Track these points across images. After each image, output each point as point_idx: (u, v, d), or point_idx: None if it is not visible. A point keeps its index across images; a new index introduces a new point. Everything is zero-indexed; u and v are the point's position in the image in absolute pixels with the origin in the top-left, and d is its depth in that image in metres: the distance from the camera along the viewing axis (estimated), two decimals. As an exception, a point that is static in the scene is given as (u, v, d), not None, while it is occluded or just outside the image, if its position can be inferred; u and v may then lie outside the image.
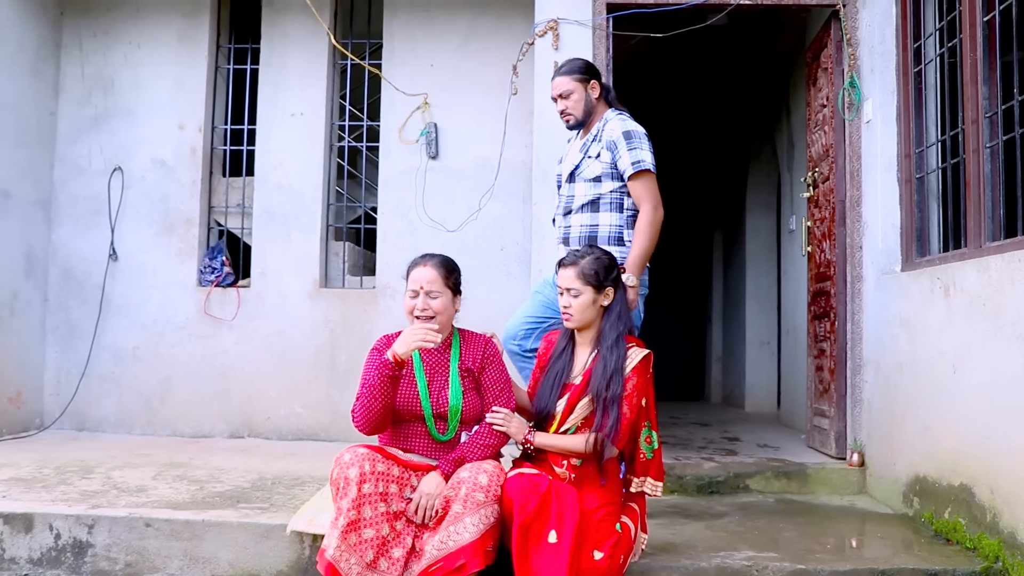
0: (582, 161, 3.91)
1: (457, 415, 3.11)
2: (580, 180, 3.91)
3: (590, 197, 3.88)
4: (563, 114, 3.98)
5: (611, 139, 3.84)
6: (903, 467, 4.16)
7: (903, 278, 4.24)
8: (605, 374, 3.08)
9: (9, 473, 4.34)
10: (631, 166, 3.80)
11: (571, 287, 3.15)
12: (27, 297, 5.87)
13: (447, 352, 3.19)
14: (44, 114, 6.03)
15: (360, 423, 3.05)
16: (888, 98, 4.50)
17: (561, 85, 3.96)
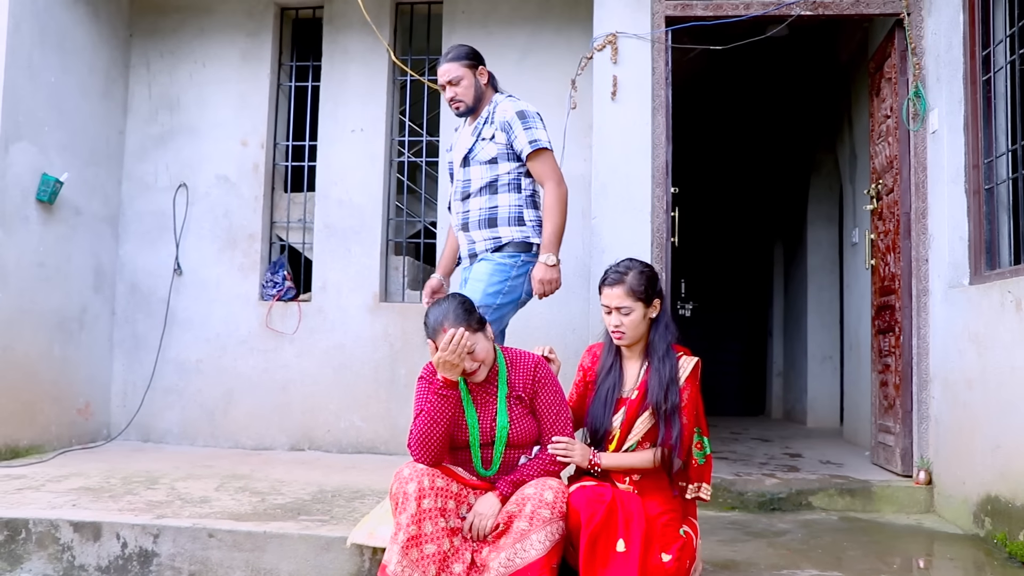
0: (475, 144, 3.91)
1: (502, 443, 3.08)
2: (475, 163, 3.90)
3: (487, 179, 3.88)
4: (452, 101, 3.95)
5: (504, 119, 3.86)
6: (973, 486, 4.05)
7: (972, 292, 4.14)
8: (661, 385, 3.06)
9: (78, 483, 4.45)
10: (528, 145, 3.83)
11: (621, 305, 3.11)
12: (96, 311, 6.02)
13: (494, 381, 3.13)
14: (113, 133, 6.19)
15: (418, 452, 2.96)
16: (955, 107, 4.41)
17: (450, 72, 3.93)
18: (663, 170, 4.90)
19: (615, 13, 4.97)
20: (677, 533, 3.01)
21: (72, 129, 5.71)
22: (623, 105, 4.92)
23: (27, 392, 5.34)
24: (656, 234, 4.86)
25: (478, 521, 2.91)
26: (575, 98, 5.41)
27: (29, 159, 5.31)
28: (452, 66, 3.93)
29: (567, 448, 3.04)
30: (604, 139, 4.93)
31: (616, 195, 4.88)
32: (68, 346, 5.73)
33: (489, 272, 3.80)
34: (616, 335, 3.13)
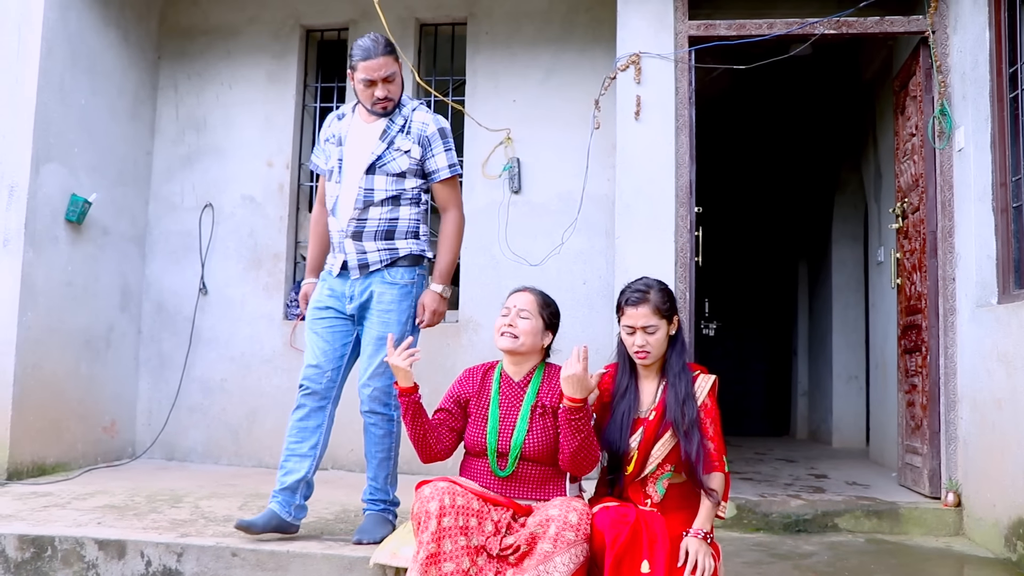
0: (386, 153, 3.62)
1: (517, 451, 3.07)
2: (381, 173, 3.63)
3: (392, 192, 3.65)
4: (383, 100, 3.60)
5: (424, 134, 3.66)
6: (1004, 508, 3.99)
7: (1000, 311, 4.10)
8: (678, 402, 3.03)
9: (103, 500, 4.47)
10: (448, 170, 3.72)
11: (648, 324, 3.05)
12: (122, 329, 6.07)
13: (525, 388, 3.15)
14: (141, 154, 6.26)
15: (417, 451, 3.21)
16: (982, 125, 4.38)
17: (387, 67, 3.57)
18: (687, 189, 4.90)
19: (638, 33, 4.98)
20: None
21: (101, 150, 5.79)
22: (646, 125, 4.92)
23: (54, 410, 5.39)
24: (680, 253, 4.85)
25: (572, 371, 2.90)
26: (598, 118, 5.42)
27: (59, 180, 5.38)
28: (389, 60, 3.58)
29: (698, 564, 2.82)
30: (628, 159, 4.94)
31: (640, 215, 4.88)
32: (95, 364, 5.78)
33: (398, 300, 3.66)
34: (641, 355, 3.08)
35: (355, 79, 3.60)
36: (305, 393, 3.70)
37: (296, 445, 3.68)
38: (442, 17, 6.27)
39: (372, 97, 3.59)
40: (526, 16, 6.07)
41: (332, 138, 3.75)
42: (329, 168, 3.74)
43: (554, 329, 3.22)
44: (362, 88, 3.60)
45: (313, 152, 3.94)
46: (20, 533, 3.66)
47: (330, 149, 3.75)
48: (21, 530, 3.69)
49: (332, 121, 3.82)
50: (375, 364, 3.61)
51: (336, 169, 3.70)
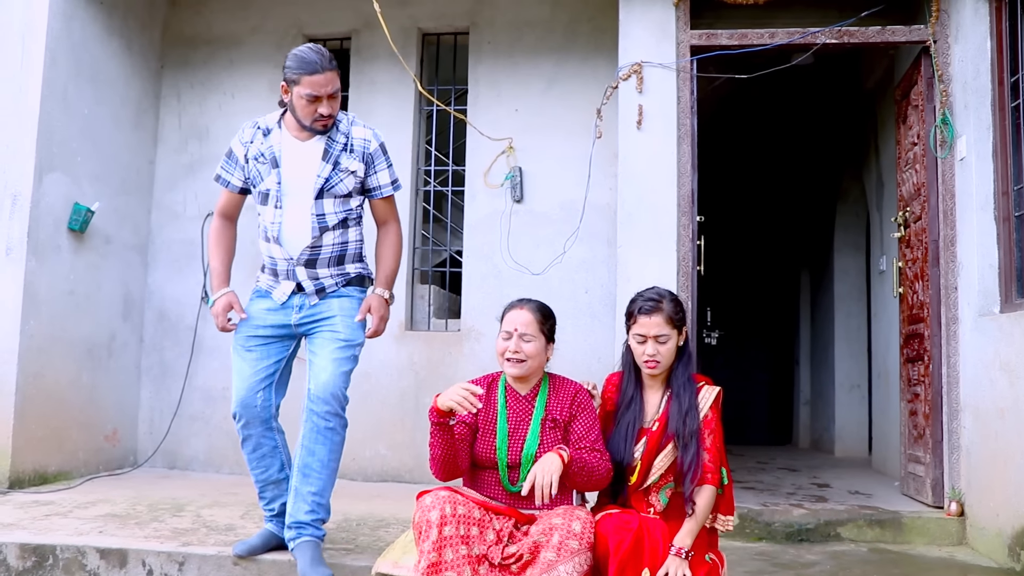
0: (333, 174, 3.43)
1: (529, 464, 3.05)
2: (329, 196, 3.44)
3: (341, 216, 3.48)
4: (325, 118, 3.39)
5: (368, 151, 3.50)
6: (1008, 518, 3.98)
7: (1003, 320, 4.10)
8: (681, 414, 3.02)
9: (105, 509, 4.47)
10: (391, 186, 3.58)
11: (660, 334, 3.04)
12: (124, 338, 6.08)
13: (533, 401, 3.12)
14: (143, 163, 6.28)
15: (433, 470, 3.06)
16: (983, 134, 4.38)
17: (333, 82, 3.37)
18: (689, 199, 4.90)
19: (640, 43, 4.99)
20: (703, 559, 2.97)
21: (104, 159, 5.80)
22: (649, 134, 4.93)
23: (56, 419, 5.39)
24: (682, 262, 4.85)
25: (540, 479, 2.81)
26: (600, 127, 5.43)
27: (62, 189, 5.39)
28: (335, 75, 3.38)
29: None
30: (630, 168, 4.94)
31: (642, 224, 4.88)
32: (97, 373, 5.78)
33: (354, 308, 3.55)
34: (651, 364, 3.06)
35: (294, 93, 3.35)
36: (243, 424, 3.49)
37: (265, 474, 3.56)
38: (444, 26, 6.29)
39: (314, 114, 3.36)
40: (528, 25, 6.09)
41: (261, 157, 3.46)
42: (263, 191, 3.46)
43: (553, 338, 3.19)
44: (304, 104, 3.34)
45: (223, 165, 3.60)
46: (22, 542, 3.66)
47: (259, 168, 3.47)
48: (23, 539, 3.70)
49: (255, 136, 3.50)
50: (340, 368, 3.45)
51: (274, 193, 3.44)
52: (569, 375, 3.32)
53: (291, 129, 3.48)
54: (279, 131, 3.49)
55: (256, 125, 3.53)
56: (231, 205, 3.66)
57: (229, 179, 3.59)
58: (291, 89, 3.37)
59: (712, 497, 3.02)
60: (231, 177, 3.58)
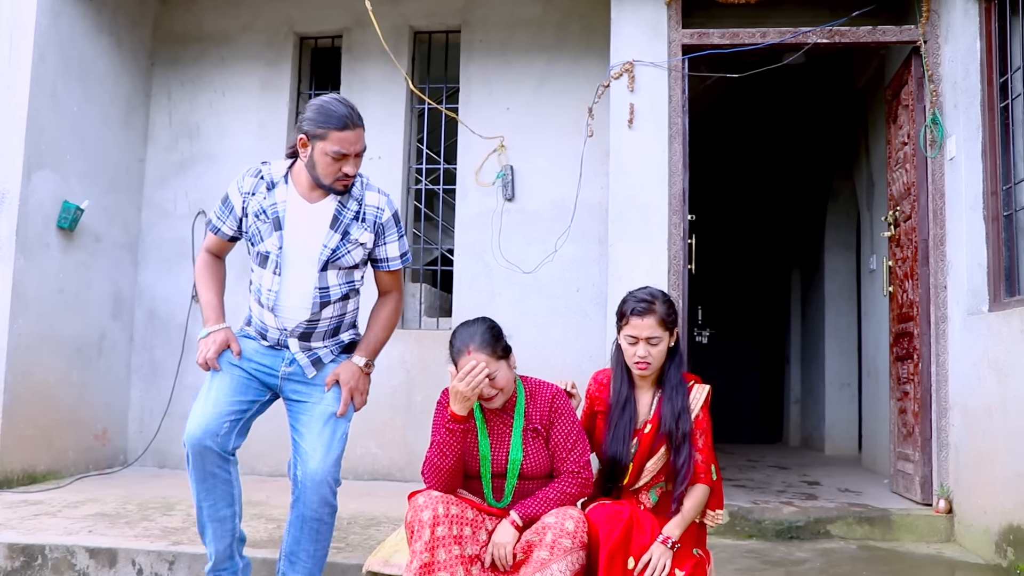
0: (341, 246, 3.08)
1: (515, 476, 3.03)
2: (334, 268, 3.10)
3: (345, 289, 3.15)
4: (347, 179, 3.04)
5: (379, 220, 3.14)
6: (995, 515, 4.00)
7: (991, 318, 4.11)
8: (674, 415, 3.02)
9: (95, 508, 4.46)
10: (399, 259, 3.22)
11: (652, 336, 3.01)
12: (114, 337, 6.06)
13: (511, 412, 3.07)
14: (133, 161, 6.26)
15: (430, 480, 2.97)
16: (973, 134, 4.40)
17: (362, 139, 3.04)
18: (680, 197, 4.91)
19: (632, 42, 5.00)
20: (690, 552, 2.98)
21: (93, 157, 5.78)
22: (640, 133, 4.94)
23: (45, 418, 5.37)
24: (673, 261, 4.86)
25: (497, 551, 2.88)
26: (592, 126, 5.43)
27: (51, 187, 5.37)
28: (363, 132, 3.04)
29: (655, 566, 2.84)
30: (621, 166, 4.95)
31: (633, 222, 4.89)
32: (86, 372, 5.76)
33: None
34: (641, 366, 3.04)
35: (316, 148, 2.99)
36: (200, 451, 3.01)
37: (212, 509, 3.09)
38: (436, 24, 6.29)
39: (338, 172, 3.01)
40: (520, 24, 6.09)
41: (263, 215, 3.09)
42: (261, 252, 3.11)
43: (510, 350, 3.02)
44: (329, 162, 2.98)
45: (217, 212, 3.22)
46: (10, 542, 3.65)
47: (259, 227, 3.11)
48: (11, 539, 3.68)
49: (257, 187, 3.14)
50: (333, 453, 3.09)
51: (274, 258, 3.08)
52: (560, 373, 3.31)
53: (300, 186, 3.10)
54: (286, 186, 3.12)
55: (259, 174, 3.16)
56: (221, 248, 3.32)
57: (220, 227, 3.21)
58: (312, 144, 3.00)
59: (705, 496, 3.04)
60: (222, 225, 3.21)
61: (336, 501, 3.10)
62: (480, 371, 2.85)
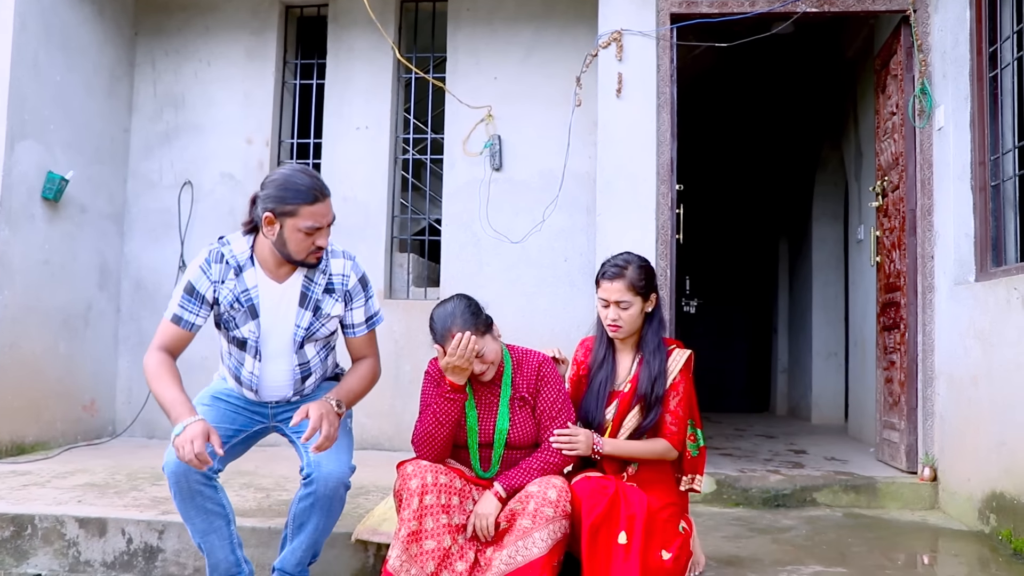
0: (314, 322, 3.05)
1: (501, 445, 3.06)
2: (311, 343, 3.09)
3: (323, 356, 3.17)
4: (319, 251, 2.97)
5: (346, 287, 3.09)
6: (978, 482, 4.04)
7: (977, 288, 4.14)
8: (650, 379, 3.08)
9: (84, 479, 4.46)
10: (365, 325, 3.15)
11: (621, 300, 3.09)
12: (100, 308, 6.03)
13: (498, 382, 3.09)
14: (118, 131, 6.20)
15: (422, 450, 3.00)
16: (961, 104, 4.40)
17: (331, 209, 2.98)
18: (668, 167, 4.90)
19: (620, 10, 4.96)
20: (677, 529, 3.01)
21: (77, 127, 5.72)
22: (628, 102, 4.91)
23: (33, 389, 5.36)
24: (661, 231, 4.86)
25: (479, 522, 2.90)
26: (580, 95, 5.40)
27: (35, 157, 5.32)
28: (330, 203, 2.97)
29: (570, 439, 3.00)
30: (609, 136, 4.93)
31: (621, 192, 4.88)
32: (73, 343, 5.74)
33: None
34: (612, 328, 3.13)
35: (286, 226, 2.88)
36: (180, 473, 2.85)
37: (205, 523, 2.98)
38: (423, -7, 6.23)
39: (311, 247, 2.93)
40: (507, -8, 6.04)
41: (237, 303, 3.00)
42: (238, 337, 3.04)
43: (492, 323, 3.04)
44: (301, 237, 2.88)
45: (183, 303, 2.99)
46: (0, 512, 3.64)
47: (234, 315, 3.02)
48: (1, 509, 3.68)
49: (225, 273, 3.00)
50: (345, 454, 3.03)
51: (252, 343, 3.03)
52: (548, 343, 3.34)
53: (267, 267, 3.02)
54: (253, 269, 3.01)
55: (222, 258, 3.00)
56: (180, 343, 3.03)
57: (193, 320, 3.00)
58: (281, 221, 2.87)
59: (663, 449, 3.09)
60: (193, 317, 2.99)
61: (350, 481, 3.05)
62: (468, 340, 2.87)
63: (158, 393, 2.87)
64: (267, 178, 2.97)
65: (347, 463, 3.00)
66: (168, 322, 2.99)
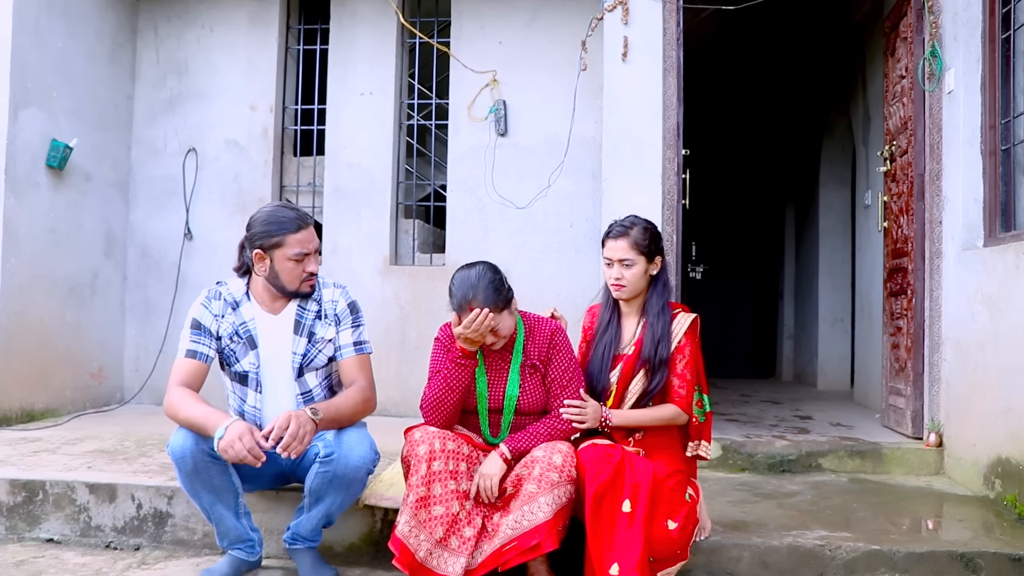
0: (310, 349, 3.17)
1: (511, 412, 3.08)
2: (310, 371, 3.18)
3: (325, 385, 3.24)
4: (311, 277, 3.14)
5: (336, 312, 3.21)
6: (984, 448, 4.05)
7: (986, 254, 4.11)
8: (654, 341, 3.10)
9: (93, 445, 4.49)
10: (352, 348, 3.21)
11: (624, 258, 3.12)
12: (107, 276, 6.04)
13: (510, 349, 3.10)
14: (121, 98, 6.17)
15: (430, 416, 3.01)
16: (972, 67, 4.35)
17: (315, 236, 3.14)
18: (674, 132, 4.86)
19: (626, -28, 4.90)
20: (683, 498, 3.02)
21: (80, 95, 5.69)
22: (634, 66, 4.87)
23: (41, 357, 5.38)
24: (667, 196, 4.83)
25: (483, 482, 2.92)
26: (585, 59, 5.35)
27: (38, 125, 5.30)
28: (313, 231, 3.15)
29: (580, 411, 3.02)
30: (614, 101, 4.89)
31: (627, 157, 4.85)
32: (80, 311, 5.76)
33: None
34: (616, 287, 3.16)
35: (276, 258, 3.06)
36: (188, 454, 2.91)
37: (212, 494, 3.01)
38: (427, -44, 6.16)
39: (303, 274, 3.10)
40: (512, -45, 5.97)
41: (236, 336, 3.14)
42: (239, 371, 3.16)
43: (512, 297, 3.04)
44: (292, 266, 3.06)
45: (193, 338, 3.12)
46: (12, 478, 3.67)
47: (234, 348, 3.15)
48: (12, 475, 3.71)
49: (224, 309, 3.16)
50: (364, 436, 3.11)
51: (253, 376, 3.15)
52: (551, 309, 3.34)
53: (262, 300, 3.17)
54: (249, 303, 3.18)
55: (220, 296, 3.17)
56: (198, 377, 3.11)
57: (206, 352, 3.12)
58: (270, 254, 3.06)
59: (672, 414, 3.11)
60: (208, 350, 3.12)
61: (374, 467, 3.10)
62: (484, 317, 2.88)
63: (188, 415, 2.92)
64: (251, 219, 3.13)
65: (370, 448, 3.04)
66: (183, 359, 3.10)
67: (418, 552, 2.80)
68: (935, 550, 3.18)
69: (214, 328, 3.14)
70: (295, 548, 3.17)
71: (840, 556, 3.19)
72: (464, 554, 2.84)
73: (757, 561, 3.22)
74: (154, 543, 3.54)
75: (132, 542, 3.55)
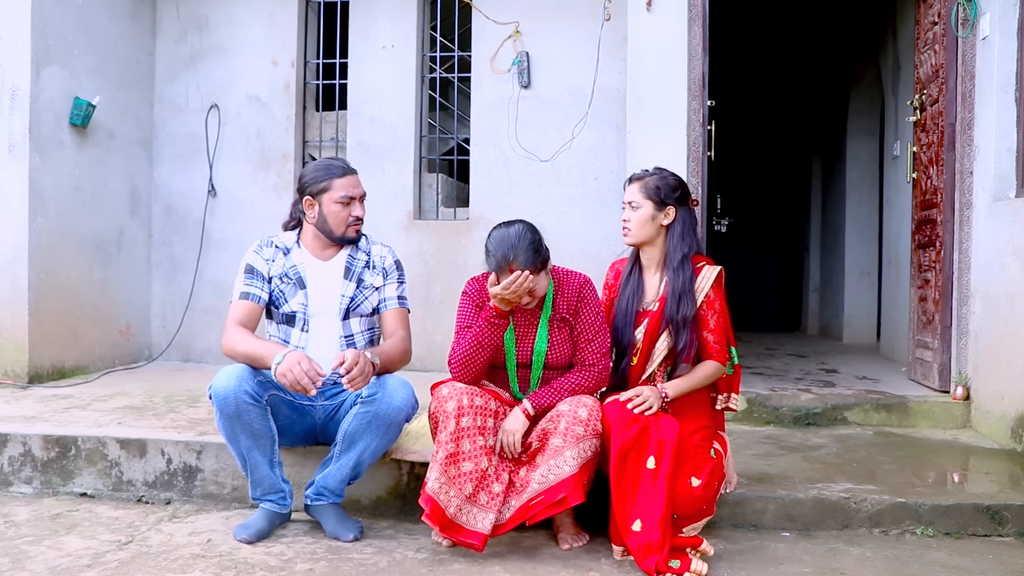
0: (358, 293, 3.31)
1: (540, 367, 3.07)
2: (355, 316, 3.32)
3: (368, 336, 3.36)
4: (359, 221, 3.29)
5: (384, 266, 3.36)
6: (1012, 401, 4.02)
7: (1018, 204, 4.05)
8: (675, 296, 3.07)
9: (123, 402, 4.55)
10: (396, 300, 3.35)
11: (632, 200, 3.13)
12: (132, 233, 6.07)
13: (540, 303, 3.08)
14: (142, 55, 6.15)
15: (459, 372, 3.00)
16: (1009, 11, 4.24)
17: (360, 184, 3.30)
18: (699, 82, 4.80)
19: (650, -81, 4.80)
20: (708, 455, 3.01)
21: (101, 52, 5.68)
22: (659, 16, 4.79)
23: (70, 315, 5.44)
24: (692, 148, 4.78)
25: (506, 438, 2.93)
26: (609, 9, 5.27)
27: (61, 83, 5.30)
28: (359, 179, 3.32)
29: (643, 400, 2.93)
30: (639, 51, 4.82)
31: (651, 108, 4.80)
32: (107, 269, 5.80)
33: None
34: (624, 231, 3.16)
35: (323, 202, 3.22)
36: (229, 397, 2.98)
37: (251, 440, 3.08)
38: (447, -95, 6.06)
39: (349, 218, 3.25)
40: (534, -97, 5.86)
41: (286, 277, 3.29)
42: (287, 312, 3.28)
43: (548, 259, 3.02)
44: (339, 209, 3.22)
45: (247, 281, 3.28)
46: (45, 433, 3.74)
47: (283, 289, 3.29)
48: (45, 431, 3.77)
49: (275, 254, 3.31)
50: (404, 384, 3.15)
51: (300, 316, 3.27)
52: (579, 262, 3.34)
53: (312, 248, 3.34)
54: (299, 250, 3.34)
55: (272, 243, 3.33)
56: (253, 317, 3.27)
57: (260, 294, 3.27)
58: (319, 199, 3.24)
59: (714, 371, 3.10)
60: (258, 291, 3.27)
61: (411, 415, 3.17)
62: (525, 279, 2.86)
63: (247, 348, 3.08)
64: (302, 171, 3.36)
65: (411, 394, 3.10)
66: (238, 302, 3.27)
67: (448, 508, 2.83)
68: (961, 503, 3.17)
69: (265, 271, 3.29)
70: (318, 504, 3.19)
71: (865, 508, 3.19)
72: (493, 510, 2.86)
73: (782, 514, 3.23)
74: (184, 497, 3.60)
75: (163, 496, 3.61)
